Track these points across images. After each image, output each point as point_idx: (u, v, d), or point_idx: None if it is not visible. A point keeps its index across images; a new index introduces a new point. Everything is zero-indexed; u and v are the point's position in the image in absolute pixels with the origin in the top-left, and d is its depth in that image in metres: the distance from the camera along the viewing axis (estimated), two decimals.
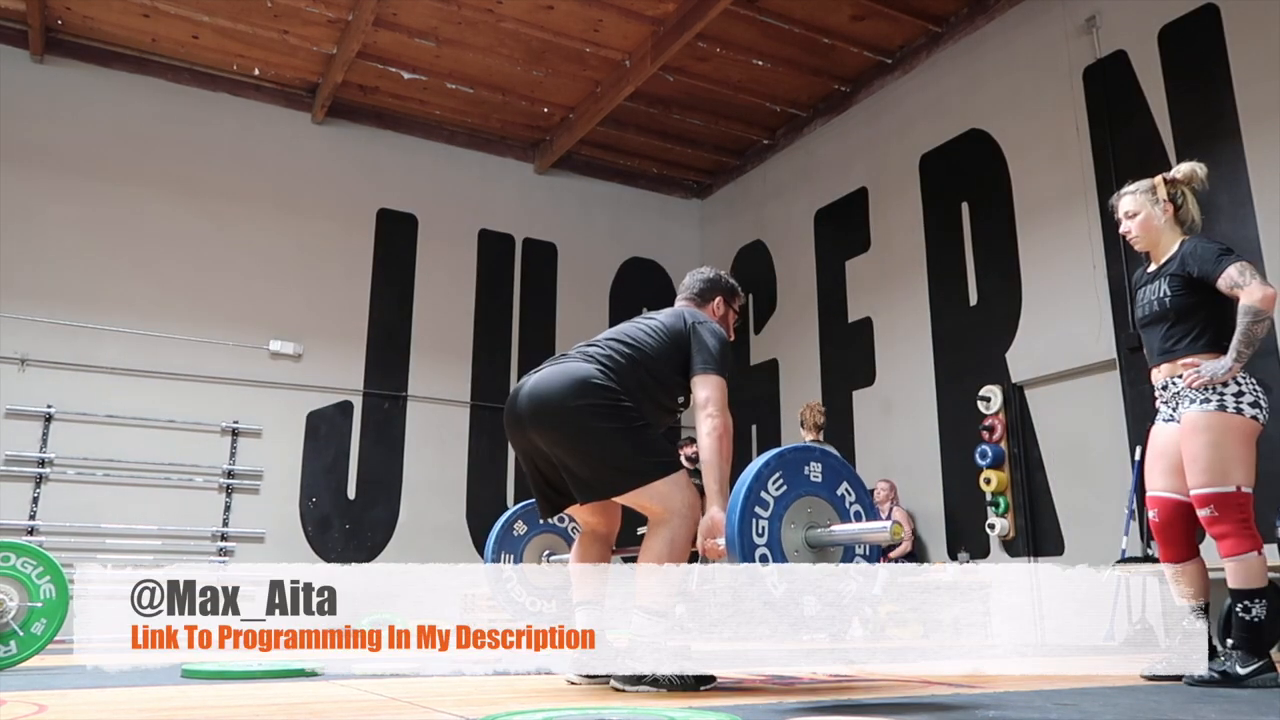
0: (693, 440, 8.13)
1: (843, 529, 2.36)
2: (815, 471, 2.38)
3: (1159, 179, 3.11)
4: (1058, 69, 6.72)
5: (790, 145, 9.30)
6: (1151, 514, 3.05)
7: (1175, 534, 2.98)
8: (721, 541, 2.42)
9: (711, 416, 2.57)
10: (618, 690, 2.50)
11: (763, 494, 2.25)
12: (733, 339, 3.07)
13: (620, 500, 2.62)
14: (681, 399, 2.76)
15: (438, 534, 8.46)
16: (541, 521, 3.40)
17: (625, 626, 2.61)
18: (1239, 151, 5.53)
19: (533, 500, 2.97)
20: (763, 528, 2.24)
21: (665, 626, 2.53)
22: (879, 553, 2.56)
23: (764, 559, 2.22)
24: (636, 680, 2.45)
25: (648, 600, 2.50)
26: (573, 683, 2.68)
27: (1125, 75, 6.26)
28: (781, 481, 2.30)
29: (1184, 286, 2.95)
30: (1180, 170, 3.09)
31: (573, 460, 2.56)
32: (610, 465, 2.53)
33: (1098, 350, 6.22)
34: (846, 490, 2.43)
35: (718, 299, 3.04)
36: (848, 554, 2.42)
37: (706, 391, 2.62)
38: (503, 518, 3.38)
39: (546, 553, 3.34)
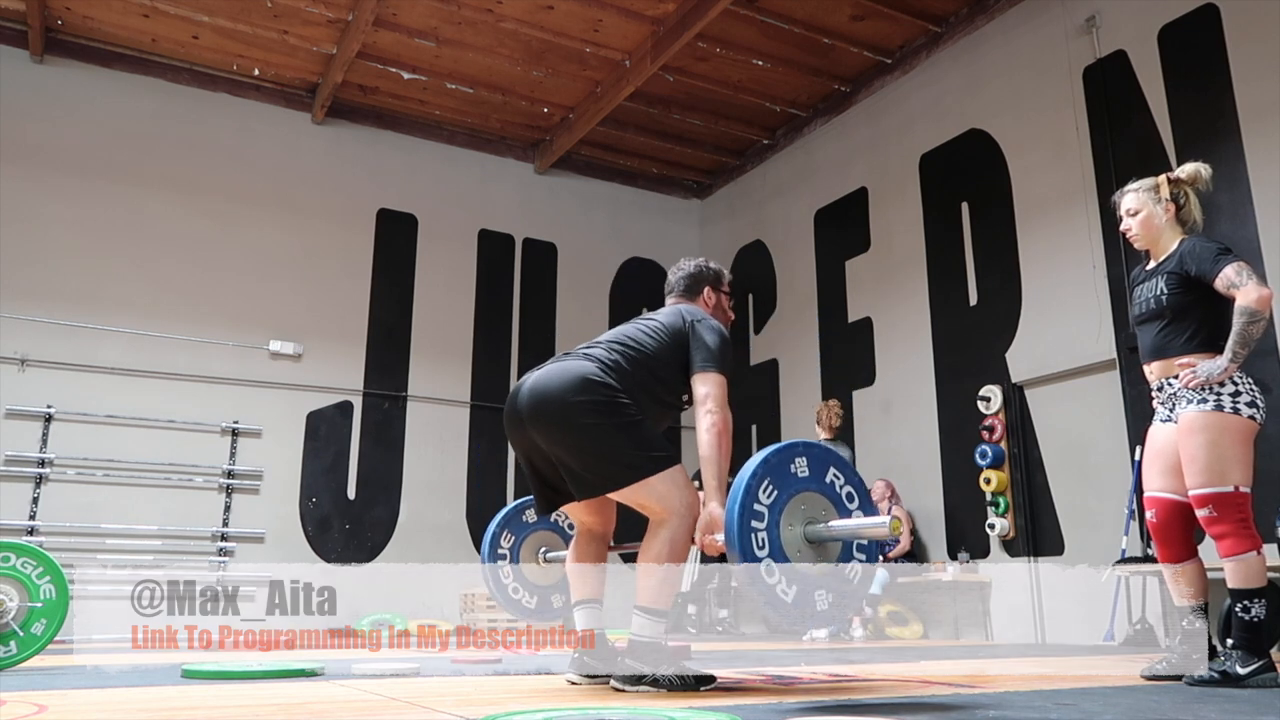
0: None
1: (840, 524, 2.38)
2: (801, 467, 2.40)
3: (1162, 178, 3.11)
4: (1058, 69, 6.72)
5: (790, 145, 9.30)
6: (1150, 514, 3.05)
7: (1173, 534, 2.98)
8: (720, 538, 2.43)
9: (711, 413, 2.58)
10: (618, 690, 2.50)
11: (756, 506, 2.26)
12: (732, 318, 3.07)
13: (619, 498, 2.62)
14: (685, 396, 2.77)
15: (438, 534, 8.46)
16: (538, 518, 3.40)
17: (624, 627, 2.61)
18: (1239, 151, 5.53)
19: None
20: (762, 539, 2.25)
21: (665, 626, 2.53)
22: (878, 547, 2.56)
23: (769, 570, 2.23)
24: (636, 680, 2.45)
25: (647, 600, 2.50)
26: (573, 683, 2.69)
27: (1125, 75, 6.27)
28: (771, 487, 2.31)
29: (1181, 285, 2.95)
30: (1184, 170, 3.09)
31: (570, 457, 2.56)
32: (608, 460, 2.53)
33: (1098, 350, 6.22)
34: (835, 476, 2.46)
35: (705, 289, 3.03)
36: (846, 546, 2.43)
37: (706, 388, 2.62)
38: (515, 503, 3.39)
39: (543, 550, 3.34)
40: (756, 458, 2.35)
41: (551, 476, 2.69)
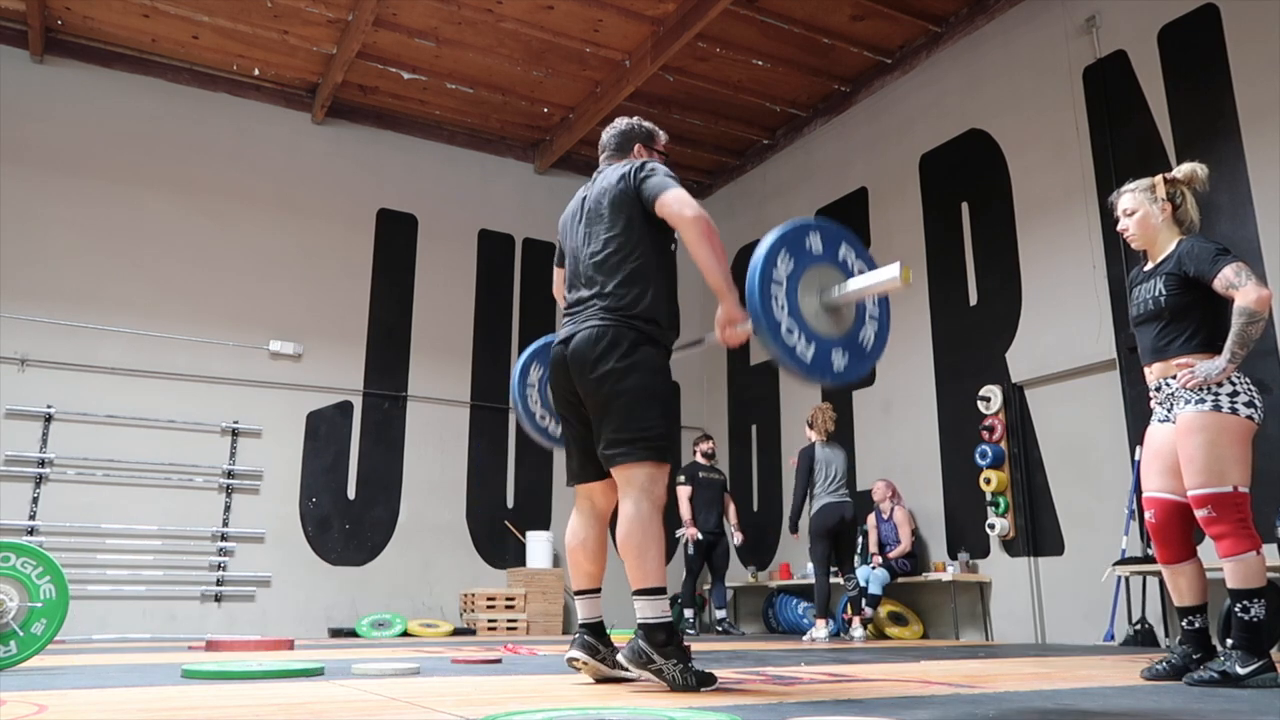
0: (707, 437, 8.14)
1: (854, 282, 2.48)
2: (816, 242, 2.49)
3: (1159, 178, 3.11)
4: (1058, 69, 6.73)
5: (790, 145, 9.31)
6: (1149, 515, 3.05)
7: (1172, 534, 2.98)
8: (741, 327, 2.54)
9: (688, 221, 2.58)
10: (623, 665, 2.53)
11: (775, 274, 2.38)
12: None
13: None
14: (673, 245, 2.82)
15: (438, 534, 8.46)
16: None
17: (626, 626, 2.62)
18: (1239, 151, 5.53)
19: None
20: (782, 303, 2.37)
21: (667, 603, 2.56)
22: (888, 311, 2.66)
23: (789, 331, 2.36)
24: (645, 662, 2.48)
25: (638, 580, 2.54)
26: (573, 659, 2.69)
27: (1125, 75, 6.27)
28: (789, 258, 2.42)
29: (1179, 285, 2.95)
30: (1181, 170, 3.09)
31: (609, 419, 2.61)
32: (637, 431, 2.58)
33: (1098, 350, 6.22)
34: (847, 252, 2.56)
35: (636, 146, 3.03)
36: (860, 316, 2.56)
37: (671, 204, 2.64)
38: (544, 339, 3.44)
39: None
40: (773, 233, 2.43)
41: (587, 442, 2.73)
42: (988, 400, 6.87)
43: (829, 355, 2.42)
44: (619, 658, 2.57)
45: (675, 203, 2.62)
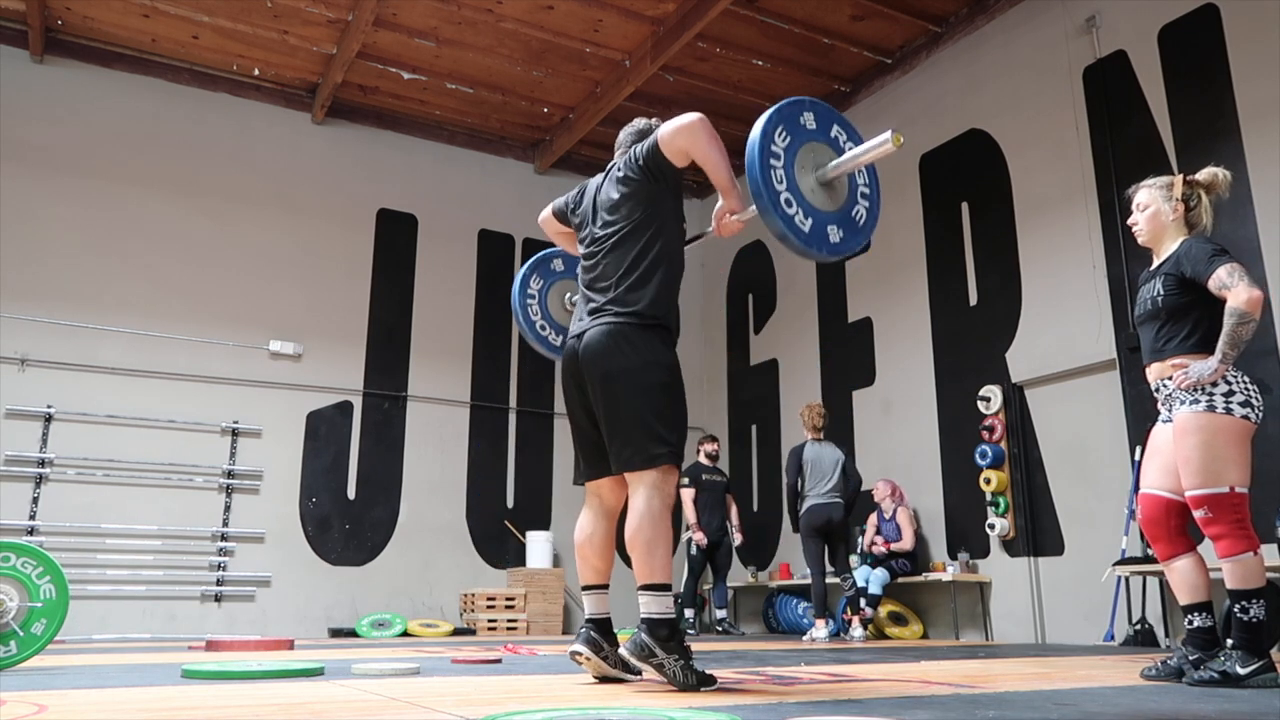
0: (712, 438, 8.14)
1: (847, 155, 2.57)
2: (810, 120, 2.59)
3: (1179, 177, 3.12)
4: (1058, 69, 6.73)
5: None
6: (1138, 511, 3.06)
7: (1160, 531, 2.98)
8: (739, 216, 2.69)
9: (690, 123, 2.65)
10: (626, 658, 2.54)
11: (773, 148, 2.47)
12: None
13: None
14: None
15: (438, 534, 8.46)
16: (564, 268, 3.48)
17: (630, 626, 2.62)
18: (1239, 151, 5.53)
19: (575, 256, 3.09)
20: (780, 175, 2.46)
21: (671, 600, 2.57)
22: (878, 189, 2.78)
23: (788, 203, 2.44)
24: (648, 656, 2.48)
25: (644, 575, 2.55)
26: (576, 652, 2.69)
27: (1125, 75, 6.27)
28: (785, 133, 2.51)
29: (1178, 286, 2.96)
30: (1202, 174, 3.10)
31: (616, 421, 2.63)
32: (645, 437, 2.59)
33: (1098, 350, 6.22)
34: (839, 131, 2.65)
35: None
36: (853, 189, 2.66)
37: (669, 125, 2.71)
38: (542, 253, 3.48)
39: (568, 295, 3.47)
40: (769, 112, 2.52)
41: (596, 440, 2.74)
42: (988, 400, 6.87)
43: (825, 229, 2.52)
44: (621, 651, 2.58)
45: (672, 122, 2.71)
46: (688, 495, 7.73)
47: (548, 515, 8.92)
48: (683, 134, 2.67)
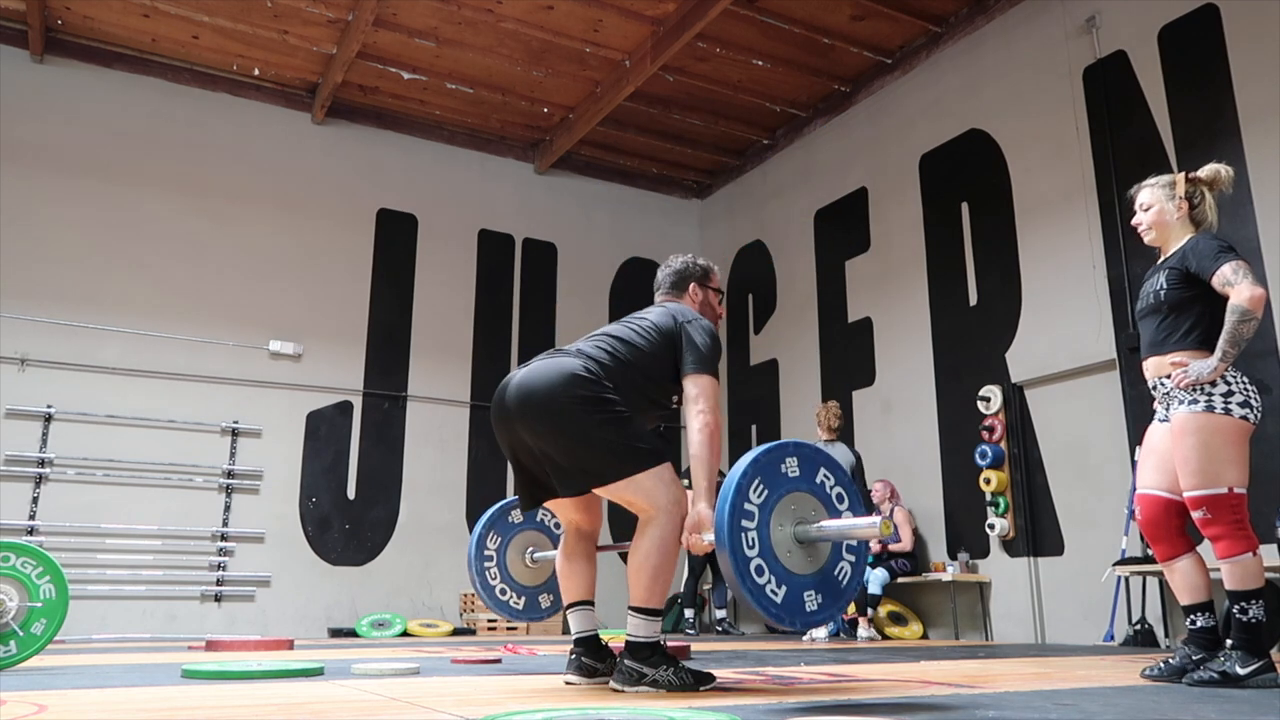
0: None
1: (831, 524, 2.36)
2: (792, 467, 2.39)
3: (1181, 175, 3.11)
4: (1058, 69, 6.73)
5: (790, 145, 9.30)
6: (1137, 511, 3.06)
7: (1160, 531, 2.98)
8: (707, 537, 2.44)
9: (703, 413, 2.58)
10: (616, 691, 2.50)
11: (746, 505, 2.26)
12: (722, 314, 3.07)
13: (606, 494, 2.61)
14: (675, 398, 2.77)
15: (438, 534, 8.46)
16: (523, 515, 3.41)
17: (617, 626, 2.61)
18: (1239, 151, 5.53)
19: None
20: (752, 539, 2.24)
21: (660, 624, 2.54)
22: (867, 547, 2.55)
23: (759, 570, 2.24)
24: (636, 680, 2.45)
25: (640, 599, 2.51)
26: (571, 683, 2.69)
27: (1125, 75, 6.27)
28: (762, 487, 2.30)
29: (1181, 281, 2.96)
30: (1204, 170, 3.09)
31: (557, 452, 2.56)
32: (594, 456, 2.53)
33: (1098, 350, 6.22)
34: (825, 477, 2.45)
35: (692, 285, 3.03)
36: (836, 547, 2.43)
37: (697, 389, 2.63)
38: (500, 504, 3.39)
39: (530, 549, 3.33)
40: (747, 457, 2.34)
41: (538, 473, 2.69)
42: (988, 400, 6.87)
43: (801, 597, 2.29)
44: (611, 685, 2.54)
45: (701, 392, 2.63)
46: (688, 496, 7.72)
47: None
48: (690, 408, 2.62)
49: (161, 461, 7.52)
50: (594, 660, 2.69)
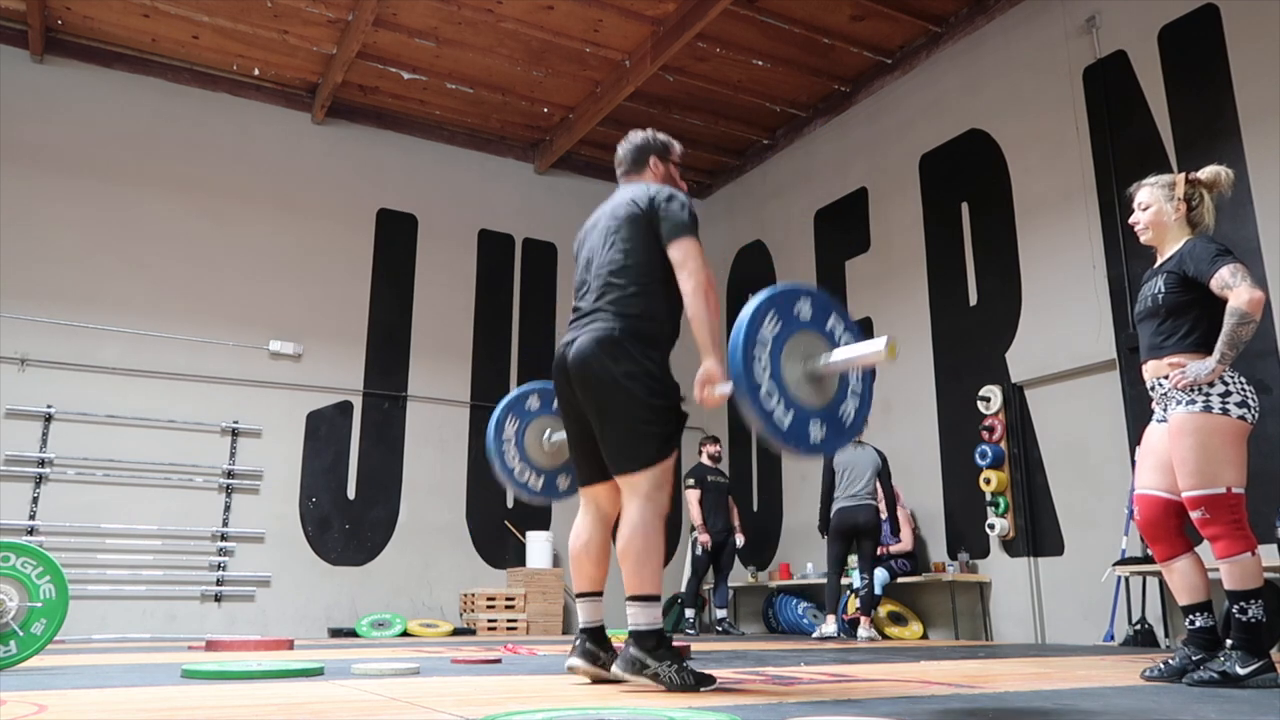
0: (714, 439, 8.14)
1: (839, 352, 2.43)
2: (805, 309, 2.44)
3: (1180, 176, 3.11)
4: (1058, 69, 6.73)
5: (790, 145, 9.30)
6: (1135, 512, 3.07)
7: (1159, 531, 2.98)
8: (720, 388, 2.51)
9: (693, 274, 2.62)
10: (618, 678, 2.52)
11: (760, 335, 2.32)
12: (684, 188, 3.03)
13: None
14: None
15: (438, 534, 8.46)
16: (541, 406, 3.42)
17: (621, 626, 2.62)
18: (1239, 151, 5.53)
19: (549, 383, 3.03)
20: (765, 364, 2.31)
21: (659, 610, 2.56)
22: (870, 389, 2.58)
23: (769, 394, 2.29)
24: (639, 669, 2.47)
25: (633, 586, 2.55)
26: (573, 668, 2.69)
27: (1125, 75, 6.27)
28: (777, 319, 2.37)
29: (1179, 284, 2.96)
30: (1204, 172, 3.09)
31: (608, 427, 2.63)
32: (636, 438, 2.59)
33: (1098, 350, 6.22)
34: (835, 323, 2.50)
35: (652, 159, 3.02)
36: (843, 385, 2.49)
37: (682, 253, 2.67)
38: (518, 389, 3.39)
39: (547, 432, 3.35)
40: (762, 293, 2.39)
41: (590, 445, 2.74)
42: (988, 400, 6.87)
43: (806, 425, 2.35)
44: (614, 670, 2.57)
45: (685, 255, 2.66)
46: (693, 497, 7.74)
47: (547, 515, 8.92)
48: (681, 271, 2.65)
49: (161, 461, 7.52)
50: (597, 648, 2.71)
